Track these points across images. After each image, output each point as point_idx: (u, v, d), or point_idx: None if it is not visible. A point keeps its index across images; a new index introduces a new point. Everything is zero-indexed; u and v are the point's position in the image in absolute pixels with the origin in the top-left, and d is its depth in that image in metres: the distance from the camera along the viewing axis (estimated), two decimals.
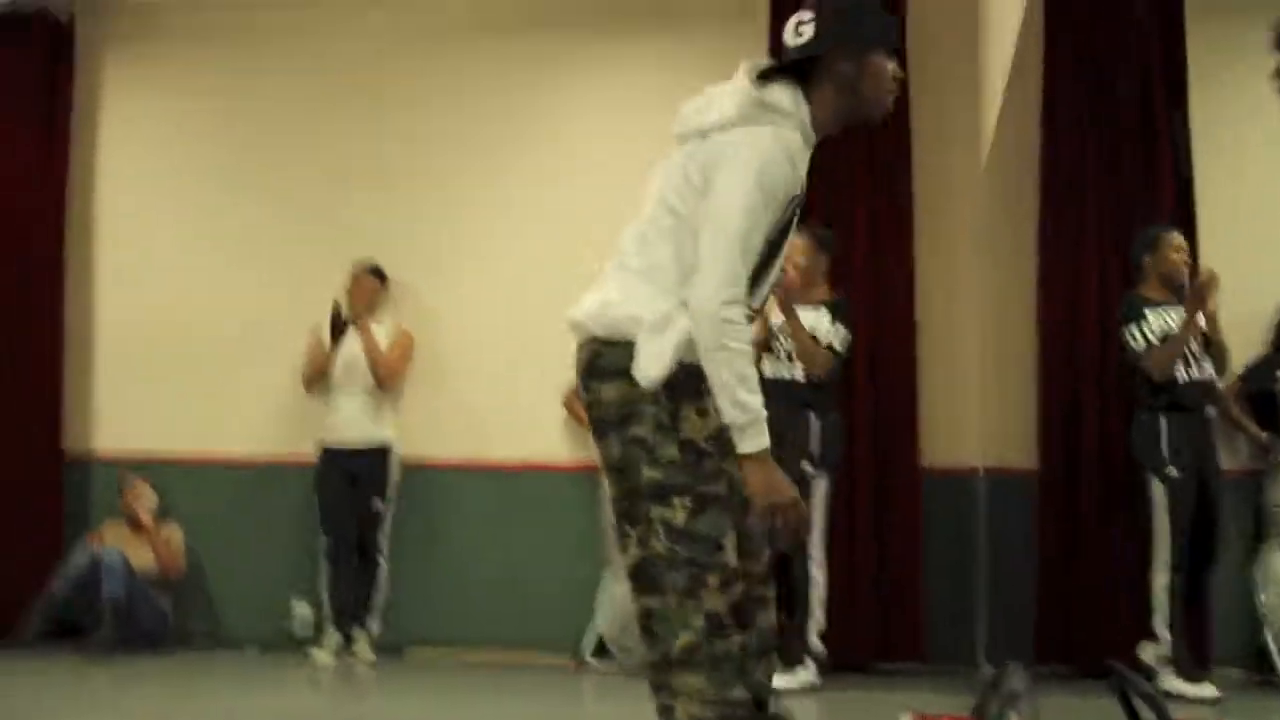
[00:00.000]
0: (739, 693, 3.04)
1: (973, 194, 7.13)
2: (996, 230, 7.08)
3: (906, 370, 7.26)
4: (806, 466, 6.43)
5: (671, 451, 3.07)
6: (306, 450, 7.54)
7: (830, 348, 6.59)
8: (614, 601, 6.95)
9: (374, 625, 7.42)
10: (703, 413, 3.08)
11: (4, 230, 8.09)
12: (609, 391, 3.12)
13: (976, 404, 7.08)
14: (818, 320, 6.60)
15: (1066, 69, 7.13)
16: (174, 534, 7.69)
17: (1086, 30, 7.13)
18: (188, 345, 8.01)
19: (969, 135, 7.11)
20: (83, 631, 7.23)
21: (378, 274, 7.65)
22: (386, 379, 7.49)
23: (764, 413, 3.06)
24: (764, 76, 3.21)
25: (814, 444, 6.51)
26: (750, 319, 3.12)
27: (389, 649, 7.43)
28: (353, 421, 7.46)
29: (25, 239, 8.08)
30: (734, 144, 3.11)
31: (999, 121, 6.43)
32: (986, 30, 6.88)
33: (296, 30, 8.12)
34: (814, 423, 6.52)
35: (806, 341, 6.54)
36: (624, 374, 3.09)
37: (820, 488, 6.52)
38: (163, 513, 7.74)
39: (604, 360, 3.13)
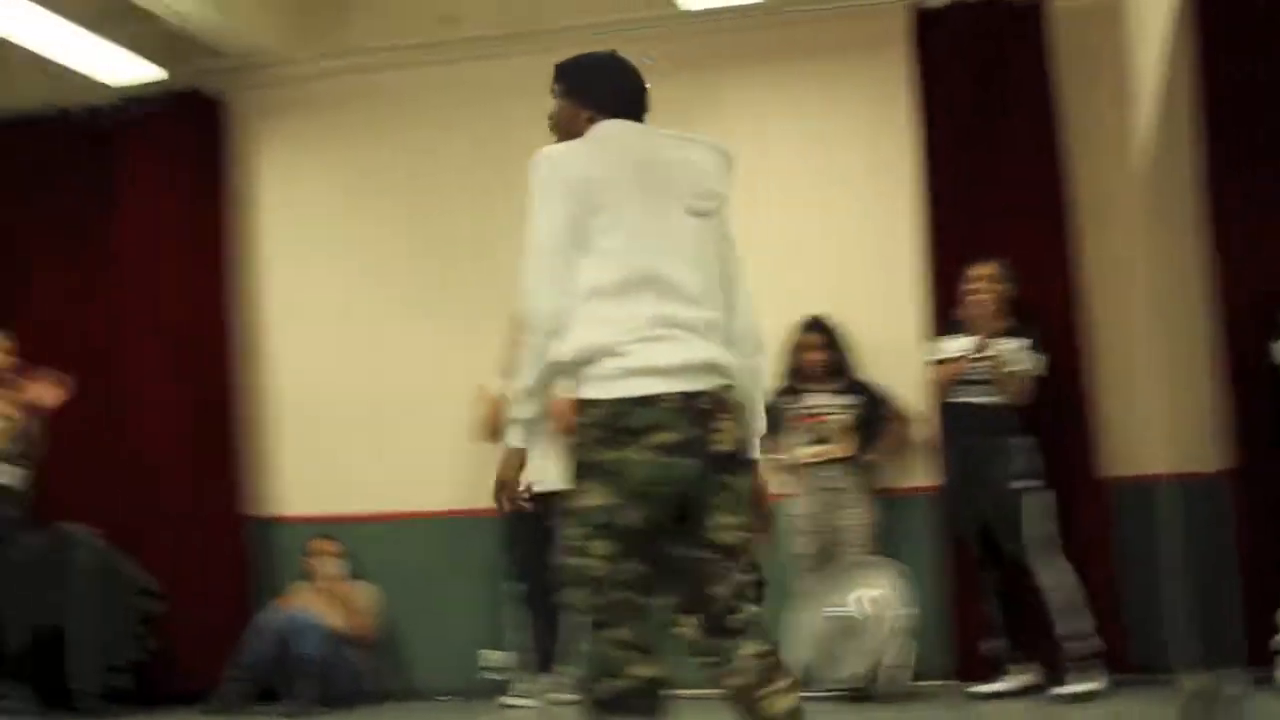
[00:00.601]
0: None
1: (1132, 194, 7.33)
2: (1161, 230, 7.25)
3: (1081, 382, 7.53)
4: (1016, 484, 7.04)
5: None
6: (489, 501, 7.85)
7: (1025, 372, 7.16)
8: (805, 630, 7.24)
9: (569, 670, 7.72)
10: None
11: (174, 303, 8.57)
12: (736, 430, 3.58)
13: (1157, 410, 7.26)
14: (1006, 346, 7.18)
15: (1222, 64, 7.22)
16: (363, 593, 8.07)
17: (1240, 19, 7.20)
18: (363, 405, 8.44)
19: (1123, 134, 7.32)
20: (279, 693, 7.62)
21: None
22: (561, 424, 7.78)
23: None
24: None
25: (1019, 465, 7.08)
26: None
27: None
28: (536, 467, 7.76)
29: (195, 311, 8.54)
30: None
31: (1158, 120, 6.62)
32: (1134, 37, 7.07)
33: (444, 85, 8.50)
34: (1015, 443, 7.10)
35: (1004, 368, 7.12)
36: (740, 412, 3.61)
37: (1039, 501, 7.08)
38: (352, 572, 8.13)
39: (731, 398, 3.57)
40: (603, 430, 3.51)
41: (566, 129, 3.84)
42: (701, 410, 3.51)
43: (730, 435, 3.55)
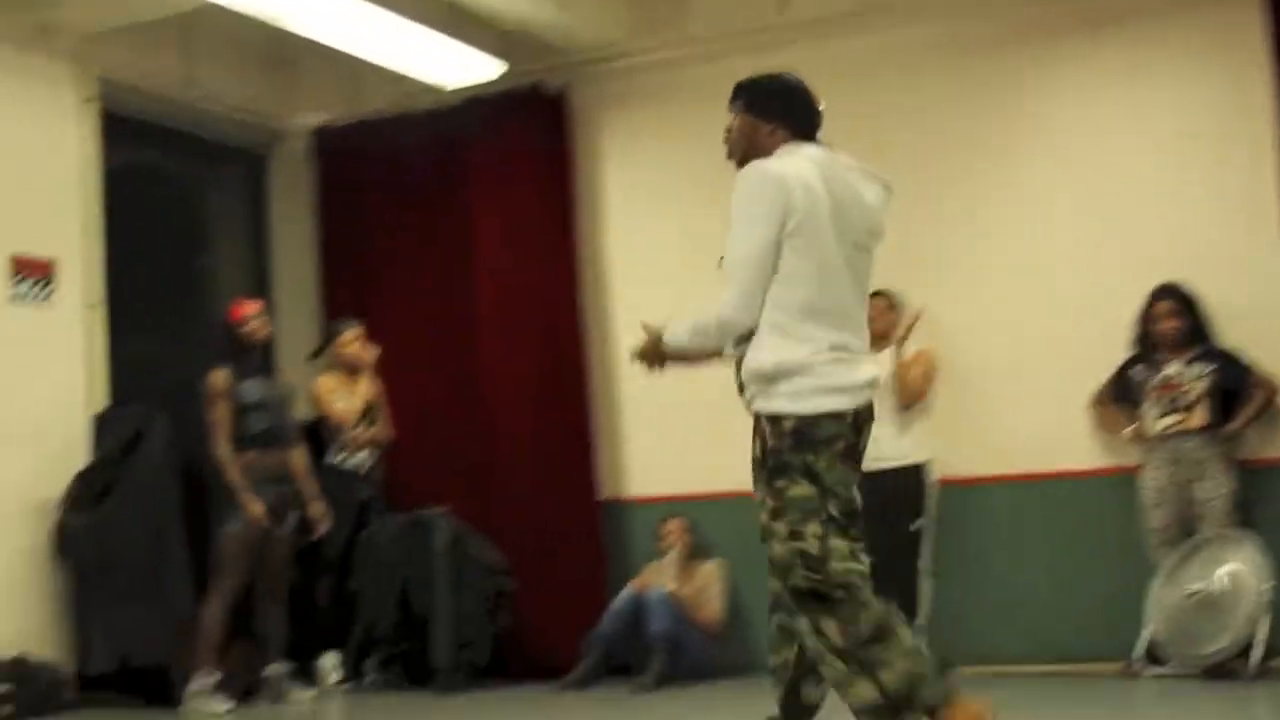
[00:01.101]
0: None
1: None
2: None
3: None
4: None
5: None
6: None
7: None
8: (1162, 604, 7.20)
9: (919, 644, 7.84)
10: None
11: (524, 295, 9.03)
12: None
13: None
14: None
15: None
16: (712, 570, 8.35)
17: None
18: (706, 386, 8.65)
19: None
20: (630, 669, 7.95)
21: (887, 299, 8.10)
22: (909, 399, 7.93)
23: None
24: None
25: None
26: None
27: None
28: (883, 443, 7.92)
29: (545, 301, 8.98)
30: None
31: None
32: None
33: (786, 69, 8.66)
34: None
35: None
36: None
37: None
38: (700, 550, 8.42)
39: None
40: (795, 438, 4.19)
41: (750, 142, 4.46)
42: (862, 421, 4.33)
43: (867, 437, 4.41)
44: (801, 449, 4.19)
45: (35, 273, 8.37)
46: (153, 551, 7.87)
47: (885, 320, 8.02)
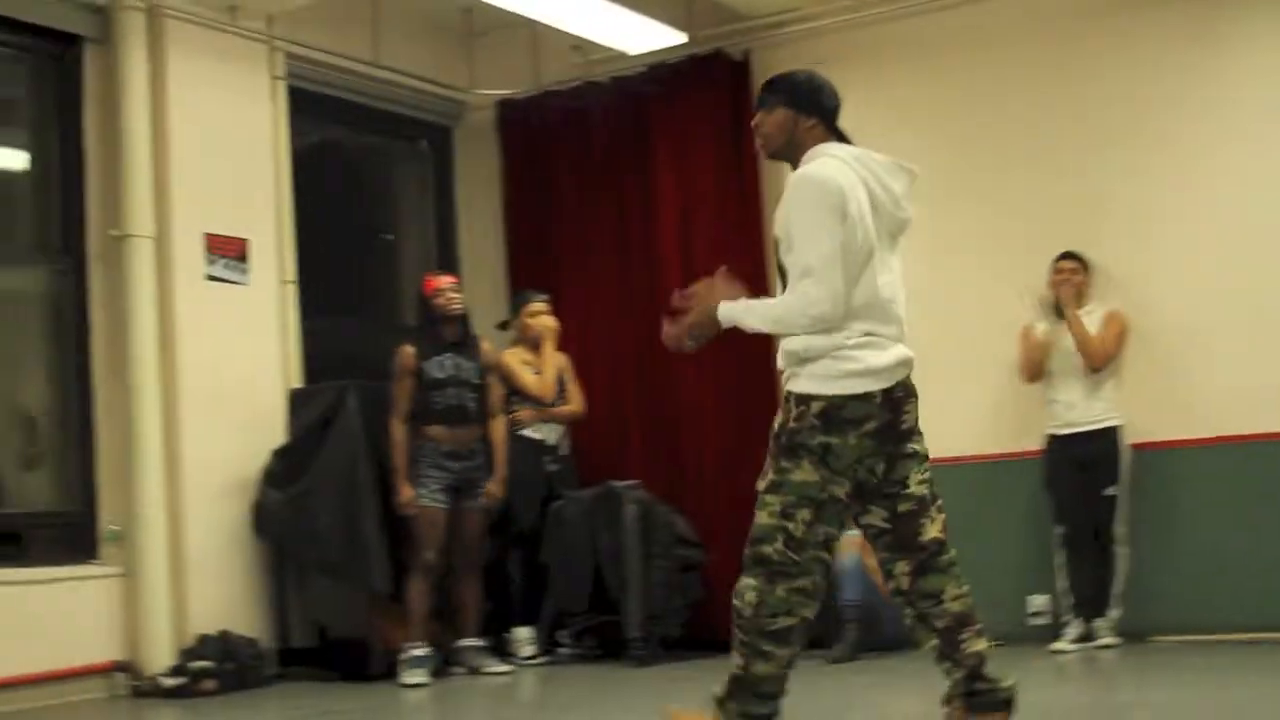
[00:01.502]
0: None
1: None
2: None
3: None
4: None
5: None
6: (1029, 443, 8.02)
7: None
8: None
9: (1114, 613, 7.78)
10: None
11: (709, 260, 8.95)
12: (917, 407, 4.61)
13: None
14: None
15: None
16: None
17: None
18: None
19: None
20: (824, 639, 7.97)
21: (1079, 260, 8.02)
22: (1099, 362, 7.85)
23: None
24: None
25: None
26: None
27: (1131, 636, 7.79)
28: (1076, 408, 7.89)
29: (729, 266, 8.95)
30: None
31: None
32: None
33: (968, 29, 8.68)
34: None
35: None
36: None
37: None
38: None
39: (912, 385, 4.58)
40: (823, 419, 4.39)
41: (790, 136, 4.70)
42: (897, 399, 4.49)
43: (915, 413, 4.58)
44: (828, 430, 4.40)
45: (230, 251, 8.61)
46: (348, 527, 8.07)
47: (1075, 282, 7.94)
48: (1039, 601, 8.18)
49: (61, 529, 8.28)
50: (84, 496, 8.24)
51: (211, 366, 8.37)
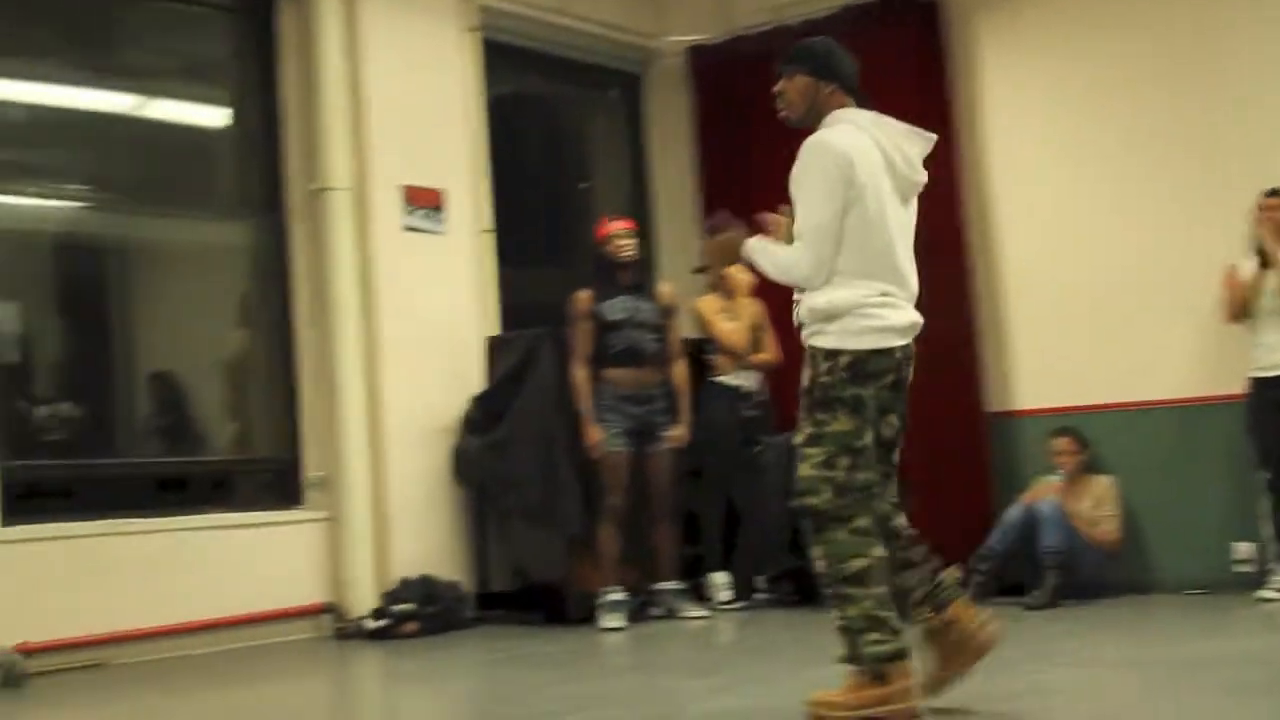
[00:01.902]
0: None
1: None
2: None
3: None
4: None
5: None
6: (1232, 387, 7.85)
7: None
8: None
9: None
10: None
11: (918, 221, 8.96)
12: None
13: None
14: None
15: None
16: (1104, 485, 8.24)
17: None
18: (1096, 295, 8.55)
19: None
20: (1022, 585, 7.92)
21: None
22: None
23: None
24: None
25: None
26: None
27: None
28: (1276, 350, 7.68)
29: (928, 212, 8.87)
30: None
31: None
32: None
33: None
34: None
35: None
36: None
37: None
38: (1093, 464, 8.31)
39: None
40: (851, 371, 4.62)
41: (812, 103, 4.96)
42: (907, 357, 4.75)
43: (910, 372, 4.81)
44: (856, 382, 4.62)
45: (427, 202, 8.77)
46: (545, 472, 8.20)
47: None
48: (1244, 549, 8.01)
49: (268, 475, 8.55)
50: (289, 444, 8.48)
51: (411, 315, 8.54)
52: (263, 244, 8.62)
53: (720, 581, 8.65)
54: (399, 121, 8.66)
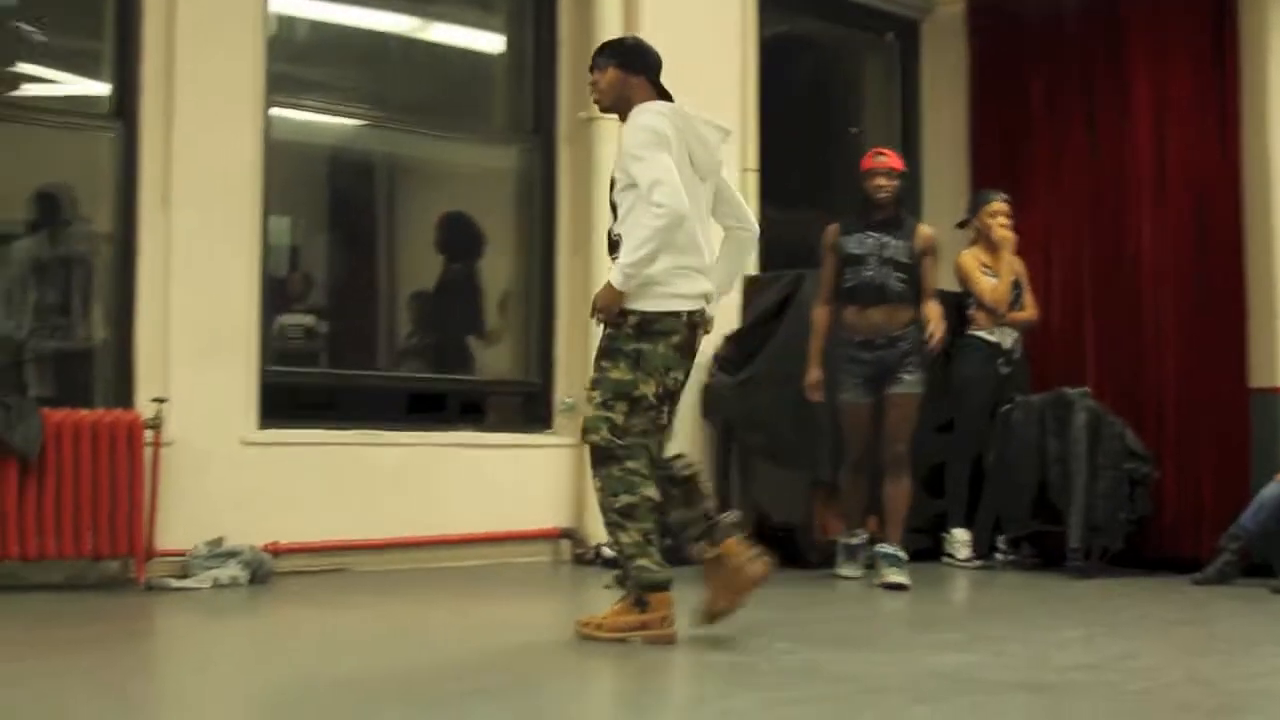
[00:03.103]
0: None
1: None
2: None
3: None
4: None
5: None
6: None
7: None
8: None
9: None
10: None
11: (1181, 170, 8.73)
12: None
13: None
14: None
15: None
16: None
17: None
18: None
19: None
20: (1272, 567, 7.65)
21: None
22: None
23: None
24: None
25: None
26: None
27: None
28: None
29: (1202, 178, 8.65)
30: None
31: None
32: None
33: None
34: None
35: None
36: None
37: None
38: None
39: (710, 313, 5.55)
40: (638, 329, 5.33)
41: (619, 93, 5.55)
42: (695, 322, 5.42)
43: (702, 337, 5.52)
44: (640, 338, 5.32)
45: None
46: (795, 414, 8.14)
47: None
48: None
49: (520, 399, 8.71)
50: (542, 369, 8.62)
51: None
52: (530, 169, 8.75)
53: (961, 538, 8.56)
54: (671, 54, 8.58)
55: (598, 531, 8.17)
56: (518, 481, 8.23)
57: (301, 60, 8.19)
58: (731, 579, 5.37)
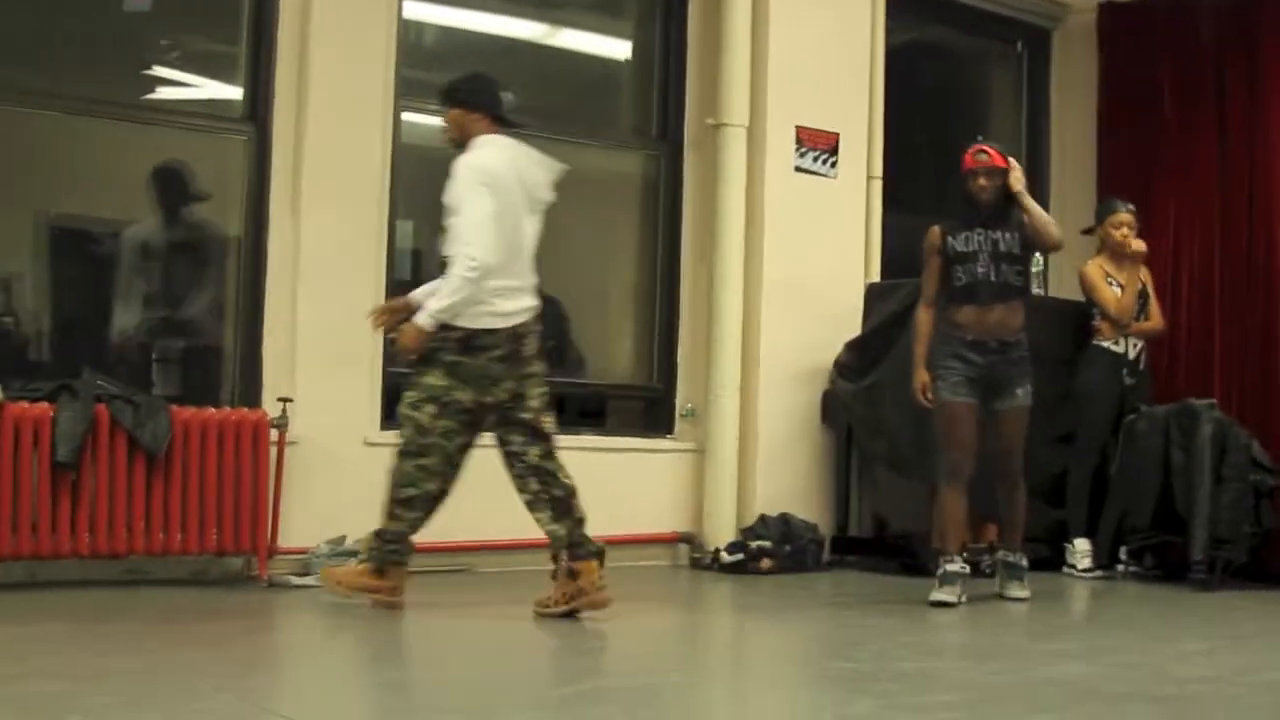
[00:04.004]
0: None
1: None
2: None
3: None
4: None
5: None
6: None
7: None
8: None
9: None
10: None
11: None
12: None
13: None
14: None
15: None
16: None
17: None
18: None
19: None
20: None
21: None
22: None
23: None
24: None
25: None
26: None
27: None
28: None
29: None
30: None
31: None
32: None
33: None
34: None
35: None
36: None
37: None
38: None
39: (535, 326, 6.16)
40: (459, 344, 5.90)
41: (463, 129, 6.06)
42: (519, 334, 6.01)
43: (533, 345, 6.08)
44: (462, 352, 5.89)
45: (820, 144, 8.80)
46: (916, 422, 8.07)
47: None
48: None
49: (641, 403, 8.75)
50: (664, 374, 8.67)
51: (794, 256, 8.61)
52: (656, 175, 8.80)
53: (1083, 548, 8.47)
54: (799, 61, 8.70)
55: (717, 537, 8.22)
56: (639, 486, 8.27)
57: (431, 65, 8.27)
58: (577, 596, 6.02)
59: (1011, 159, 7.21)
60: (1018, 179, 7.11)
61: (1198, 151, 9.24)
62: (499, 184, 5.90)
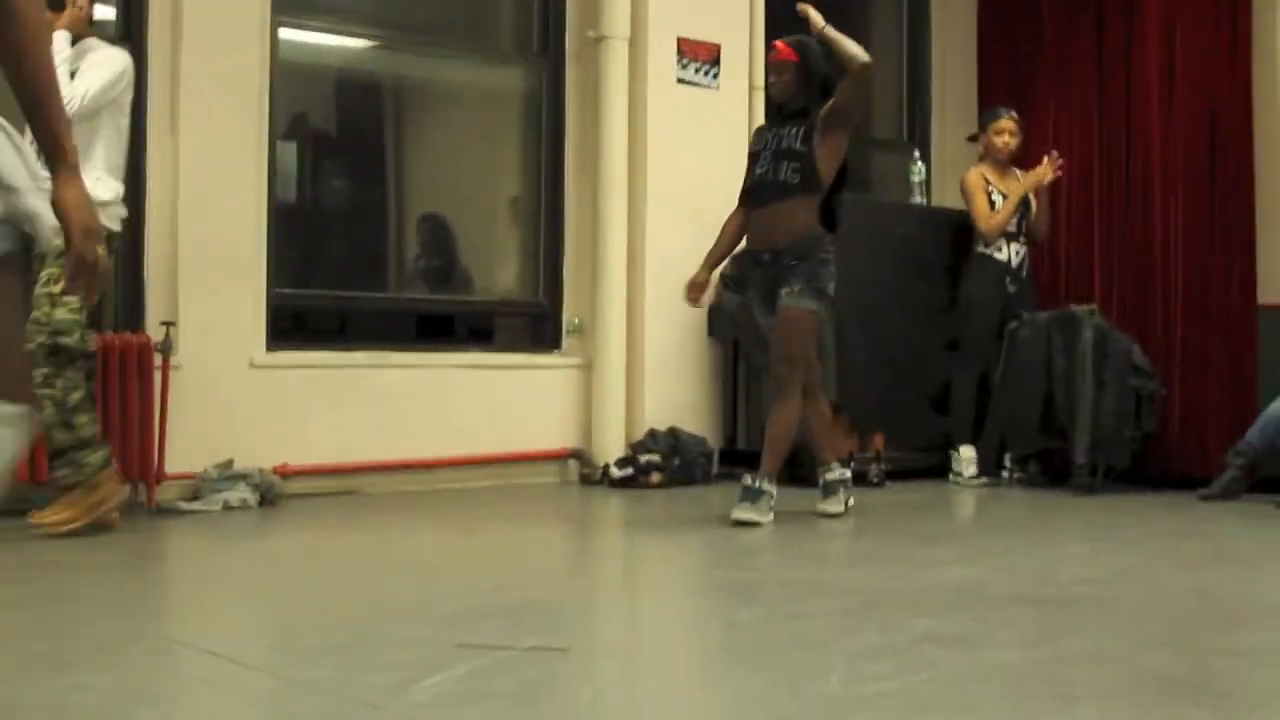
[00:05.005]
0: None
1: None
2: None
3: None
4: None
5: None
6: None
7: None
8: None
9: None
10: None
11: (1193, 82, 8.72)
12: None
13: None
14: None
15: None
16: None
17: None
18: None
19: None
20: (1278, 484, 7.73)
21: None
22: None
23: None
24: None
25: None
26: None
27: None
28: None
29: (1213, 90, 8.64)
30: None
31: None
32: None
33: None
34: None
35: None
36: None
37: None
38: None
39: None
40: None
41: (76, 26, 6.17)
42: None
43: None
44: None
45: (702, 55, 8.82)
46: None
47: None
48: None
49: (528, 320, 8.78)
50: (550, 289, 8.69)
51: (678, 168, 8.64)
52: (538, 90, 8.79)
53: (968, 456, 8.64)
54: None
55: (606, 452, 8.29)
56: (526, 402, 8.32)
57: None
58: (91, 508, 5.99)
59: (810, 12, 6.76)
60: (816, 20, 6.72)
61: (1075, 53, 9.33)
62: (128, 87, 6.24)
